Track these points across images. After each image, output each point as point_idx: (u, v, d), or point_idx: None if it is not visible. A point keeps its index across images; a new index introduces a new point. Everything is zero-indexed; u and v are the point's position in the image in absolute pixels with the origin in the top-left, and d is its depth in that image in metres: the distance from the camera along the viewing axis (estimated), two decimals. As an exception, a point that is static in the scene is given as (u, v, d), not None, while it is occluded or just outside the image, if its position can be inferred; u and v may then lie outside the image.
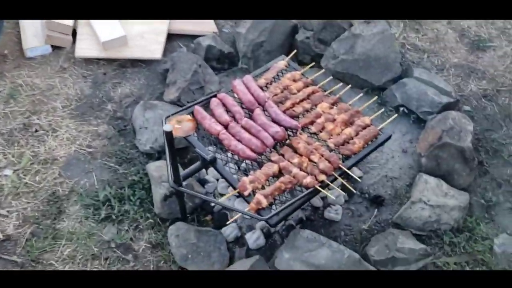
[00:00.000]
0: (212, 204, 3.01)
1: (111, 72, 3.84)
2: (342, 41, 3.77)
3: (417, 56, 4.11)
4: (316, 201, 3.08)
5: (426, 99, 3.46)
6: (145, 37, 3.96)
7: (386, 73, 3.68)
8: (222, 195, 3.11)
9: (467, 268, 2.80)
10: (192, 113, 2.92)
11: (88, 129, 3.42)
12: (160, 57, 3.87)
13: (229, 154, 2.91)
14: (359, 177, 3.19)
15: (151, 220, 2.92)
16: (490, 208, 3.09)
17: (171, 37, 4.09)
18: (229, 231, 2.89)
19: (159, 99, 3.59)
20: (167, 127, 2.23)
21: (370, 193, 3.16)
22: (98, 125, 3.45)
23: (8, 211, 2.96)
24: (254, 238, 2.86)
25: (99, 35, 3.82)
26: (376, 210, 3.06)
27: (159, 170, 2.98)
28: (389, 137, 2.90)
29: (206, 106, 2.98)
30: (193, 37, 4.03)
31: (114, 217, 2.94)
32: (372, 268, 2.62)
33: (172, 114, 2.88)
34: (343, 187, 2.98)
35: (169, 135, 2.26)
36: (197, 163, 2.67)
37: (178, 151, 3.16)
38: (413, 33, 4.33)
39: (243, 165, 2.98)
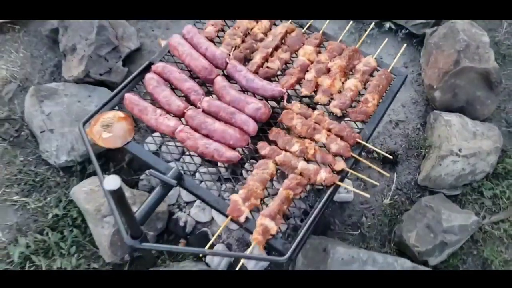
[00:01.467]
0: (183, 222, 2.11)
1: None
2: None
3: None
4: (318, 180, 2.28)
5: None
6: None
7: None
8: (188, 203, 2.21)
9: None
10: (118, 107, 1.89)
11: (-40, 149, 2.25)
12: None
13: (198, 160, 1.98)
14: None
15: (103, 273, 1.98)
16: (518, 134, 2.49)
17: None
18: (217, 261, 2.05)
19: (56, 78, 2.44)
20: (109, 185, 1.23)
21: (379, 152, 2.40)
22: (-26, 138, 2.28)
23: None
24: (253, 263, 2.06)
25: None
26: (394, 174, 2.34)
27: (92, 199, 2.00)
28: (405, 78, 2.10)
29: (136, 88, 1.95)
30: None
31: (44, 282, 1.95)
32: (424, 268, 1.95)
33: (91, 116, 1.83)
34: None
35: (117, 194, 1.27)
36: (156, 191, 1.71)
37: (108, 153, 2.16)
38: None
39: (223, 169, 2.07)
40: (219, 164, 2.06)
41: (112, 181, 1.22)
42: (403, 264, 1.89)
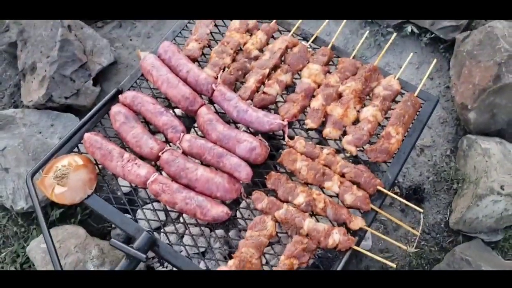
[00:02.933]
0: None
1: None
2: None
3: None
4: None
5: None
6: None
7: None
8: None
9: None
10: (78, 149, 1.50)
11: None
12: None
13: (179, 220, 1.60)
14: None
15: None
16: None
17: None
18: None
19: (17, 101, 2.06)
20: None
21: (400, 184, 2.01)
22: None
23: None
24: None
25: None
26: (421, 215, 1.93)
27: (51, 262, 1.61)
28: (436, 103, 1.69)
29: (102, 127, 1.56)
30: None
31: None
32: None
33: (41, 166, 1.45)
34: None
35: None
36: (121, 264, 1.33)
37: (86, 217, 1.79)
38: None
39: (207, 230, 1.68)
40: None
41: None
42: None
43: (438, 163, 2.08)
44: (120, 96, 1.60)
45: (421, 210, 1.56)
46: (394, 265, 1.40)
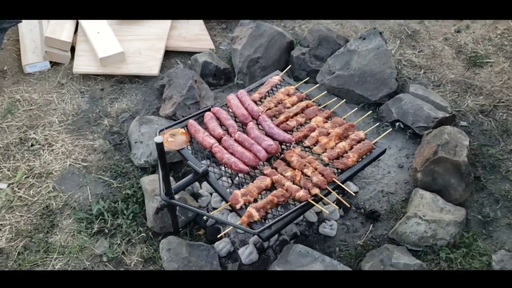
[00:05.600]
0: (205, 218, 2.98)
1: (109, 88, 3.87)
2: (338, 57, 3.79)
3: (413, 72, 4.12)
4: (311, 216, 3.05)
5: (421, 114, 3.45)
6: (142, 53, 4.00)
7: (382, 88, 3.68)
8: (215, 209, 3.09)
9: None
10: (186, 127, 2.93)
11: (84, 144, 3.43)
12: (157, 73, 3.91)
13: (223, 168, 2.90)
14: (355, 192, 3.19)
15: (143, 234, 2.90)
16: (487, 224, 3.04)
17: (169, 54, 4.13)
18: (222, 245, 2.86)
19: (155, 114, 3.61)
20: (158, 139, 2.23)
21: (366, 208, 3.13)
22: (94, 140, 3.46)
23: (1, 225, 2.95)
24: (247, 253, 2.83)
25: (97, 51, 3.86)
26: (371, 225, 3.03)
27: (153, 184, 2.97)
28: (384, 151, 2.88)
29: (200, 120, 2.99)
30: (190, 53, 4.07)
31: (106, 231, 2.92)
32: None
33: (166, 128, 2.89)
34: (339, 203, 2.98)
35: (160, 146, 2.25)
36: (190, 176, 2.66)
37: (172, 165, 3.16)
38: (409, 50, 4.35)
39: (236, 179, 2.96)
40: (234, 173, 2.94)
41: (159, 138, 2.22)
42: (343, 267, 2.55)
43: (395, 204, 3.18)
44: (212, 108, 3.05)
45: (354, 195, 2.70)
46: (336, 207, 2.54)
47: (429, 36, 4.54)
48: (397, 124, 3.56)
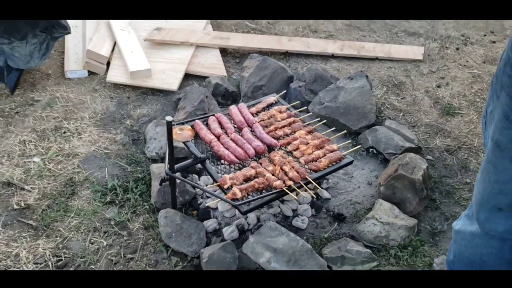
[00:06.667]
0: (199, 202, 3.58)
1: (134, 97, 4.61)
2: (328, 91, 4.50)
3: (394, 113, 4.79)
4: (287, 211, 3.63)
5: (392, 143, 4.09)
6: (166, 72, 4.76)
7: (362, 120, 4.35)
8: (209, 197, 3.69)
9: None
10: (192, 126, 3.61)
11: (108, 136, 4.12)
12: (176, 89, 4.65)
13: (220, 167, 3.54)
14: (327, 199, 3.78)
15: (147, 207, 3.50)
16: (435, 235, 3.58)
17: (187, 76, 4.89)
18: (209, 223, 3.44)
19: (169, 119, 4.30)
20: (168, 118, 2.90)
21: (334, 211, 3.70)
22: (116, 134, 4.15)
23: (31, 187, 3.59)
24: (229, 231, 3.40)
25: (129, 66, 4.64)
26: (336, 224, 3.59)
27: (159, 169, 3.62)
28: (351, 162, 3.50)
29: (205, 122, 3.67)
30: (206, 78, 4.82)
31: (117, 202, 3.53)
32: (321, 259, 3.12)
33: (177, 124, 3.57)
34: (311, 204, 3.58)
35: (169, 125, 2.92)
36: (190, 160, 3.30)
37: (177, 160, 3.81)
38: (393, 96, 5.05)
39: (227, 168, 3.60)
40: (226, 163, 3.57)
41: (169, 117, 2.89)
42: (304, 243, 3.10)
43: (359, 211, 3.75)
44: (215, 114, 3.73)
45: (319, 188, 3.31)
46: (295, 197, 3.14)
47: (412, 87, 5.24)
48: (370, 150, 4.19)
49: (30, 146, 3.93)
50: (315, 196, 3.52)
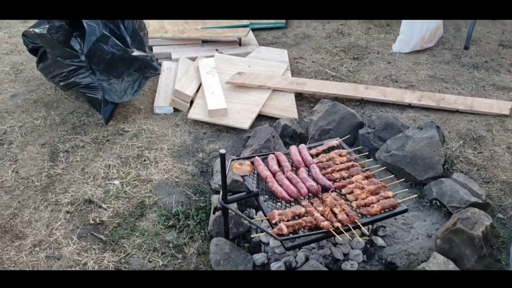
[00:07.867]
0: (252, 236, 3.75)
1: (210, 133, 4.99)
2: (396, 140, 4.49)
3: (467, 167, 4.61)
4: (337, 253, 3.65)
5: (457, 196, 3.95)
6: (240, 112, 5.10)
7: (428, 171, 4.26)
8: (263, 231, 3.84)
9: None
10: (252, 162, 3.83)
11: (180, 166, 4.49)
12: (248, 128, 4.94)
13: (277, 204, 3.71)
14: (382, 246, 3.74)
15: (203, 234, 3.75)
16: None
17: (261, 117, 5.18)
18: (259, 257, 3.58)
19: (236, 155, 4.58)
20: (222, 151, 3.16)
21: (387, 260, 3.65)
22: (188, 165, 4.51)
23: (107, 206, 4.03)
24: (276, 267, 3.51)
25: (208, 105, 5.05)
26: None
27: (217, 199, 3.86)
28: (405, 210, 3.47)
29: (264, 159, 3.89)
30: (277, 119, 5.08)
31: (178, 226, 3.83)
32: None
33: (237, 158, 3.82)
34: (364, 250, 3.58)
35: (222, 157, 3.18)
36: (243, 193, 3.51)
37: (234, 193, 4.05)
38: (470, 150, 4.87)
39: (279, 204, 3.75)
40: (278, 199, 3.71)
41: (223, 150, 3.15)
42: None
43: (413, 261, 3.64)
44: (275, 153, 3.92)
45: (367, 234, 3.30)
46: (341, 238, 3.17)
47: (493, 142, 5.01)
48: (434, 202, 4.08)
49: (113, 170, 4.42)
50: (361, 241, 3.51)
